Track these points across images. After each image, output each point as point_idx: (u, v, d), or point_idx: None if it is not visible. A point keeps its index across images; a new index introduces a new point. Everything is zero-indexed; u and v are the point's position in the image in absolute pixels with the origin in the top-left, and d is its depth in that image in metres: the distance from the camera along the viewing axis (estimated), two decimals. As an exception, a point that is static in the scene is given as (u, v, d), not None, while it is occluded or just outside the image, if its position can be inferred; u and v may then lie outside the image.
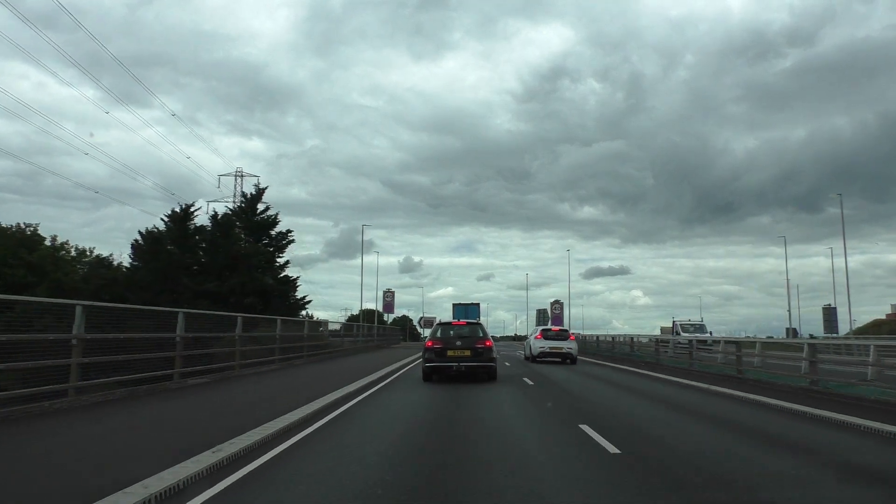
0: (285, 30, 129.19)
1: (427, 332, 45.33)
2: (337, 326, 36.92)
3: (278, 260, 42.29)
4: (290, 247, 43.43)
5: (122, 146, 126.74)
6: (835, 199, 51.77)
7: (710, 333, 40.33)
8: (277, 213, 42.78)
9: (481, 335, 16.81)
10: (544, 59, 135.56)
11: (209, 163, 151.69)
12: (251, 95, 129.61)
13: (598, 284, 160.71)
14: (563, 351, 27.40)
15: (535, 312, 67.24)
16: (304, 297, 43.65)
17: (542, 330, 29.58)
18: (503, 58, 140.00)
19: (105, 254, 41.90)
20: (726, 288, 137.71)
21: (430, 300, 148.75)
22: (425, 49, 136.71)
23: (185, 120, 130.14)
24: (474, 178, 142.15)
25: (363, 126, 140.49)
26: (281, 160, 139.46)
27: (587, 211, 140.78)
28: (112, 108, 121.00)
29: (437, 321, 20.39)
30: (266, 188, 44.03)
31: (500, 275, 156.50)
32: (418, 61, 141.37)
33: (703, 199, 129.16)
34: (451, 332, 17.00)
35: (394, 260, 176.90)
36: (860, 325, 57.43)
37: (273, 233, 42.61)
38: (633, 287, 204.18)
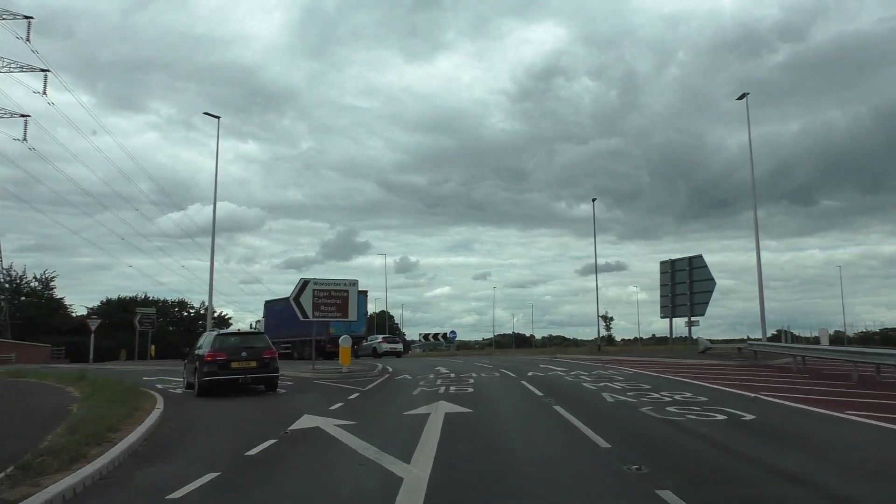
0: (279, 32, 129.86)
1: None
2: None
3: None
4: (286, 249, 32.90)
5: (115, 150, 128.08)
6: (829, 191, 48.80)
7: None
8: None
9: (265, 345, 16.55)
10: (538, 58, 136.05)
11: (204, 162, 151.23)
12: (246, 98, 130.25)
13: (594, 281, 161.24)
14: (397, 350, 42.20)
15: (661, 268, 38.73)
16: None
17: (384, 337, 45.72)
18: (497, 57, 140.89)
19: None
20: (722, 282, 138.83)
21: (426, 300, 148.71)
22: (420, 49, 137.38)
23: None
24: (470, 178, 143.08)
25: (358, 127, 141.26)
26: (277, 162, 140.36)
27: (583, 209, 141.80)
28: (107, 114, 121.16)
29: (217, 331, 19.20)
30: None
31: (496, 273, 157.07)
32: (413, 62, 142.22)
33: (698, 195, 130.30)
34: (234, 343, 16.27)
35: (390, 260, 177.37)
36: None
37: None
38: (629, 283, 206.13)
